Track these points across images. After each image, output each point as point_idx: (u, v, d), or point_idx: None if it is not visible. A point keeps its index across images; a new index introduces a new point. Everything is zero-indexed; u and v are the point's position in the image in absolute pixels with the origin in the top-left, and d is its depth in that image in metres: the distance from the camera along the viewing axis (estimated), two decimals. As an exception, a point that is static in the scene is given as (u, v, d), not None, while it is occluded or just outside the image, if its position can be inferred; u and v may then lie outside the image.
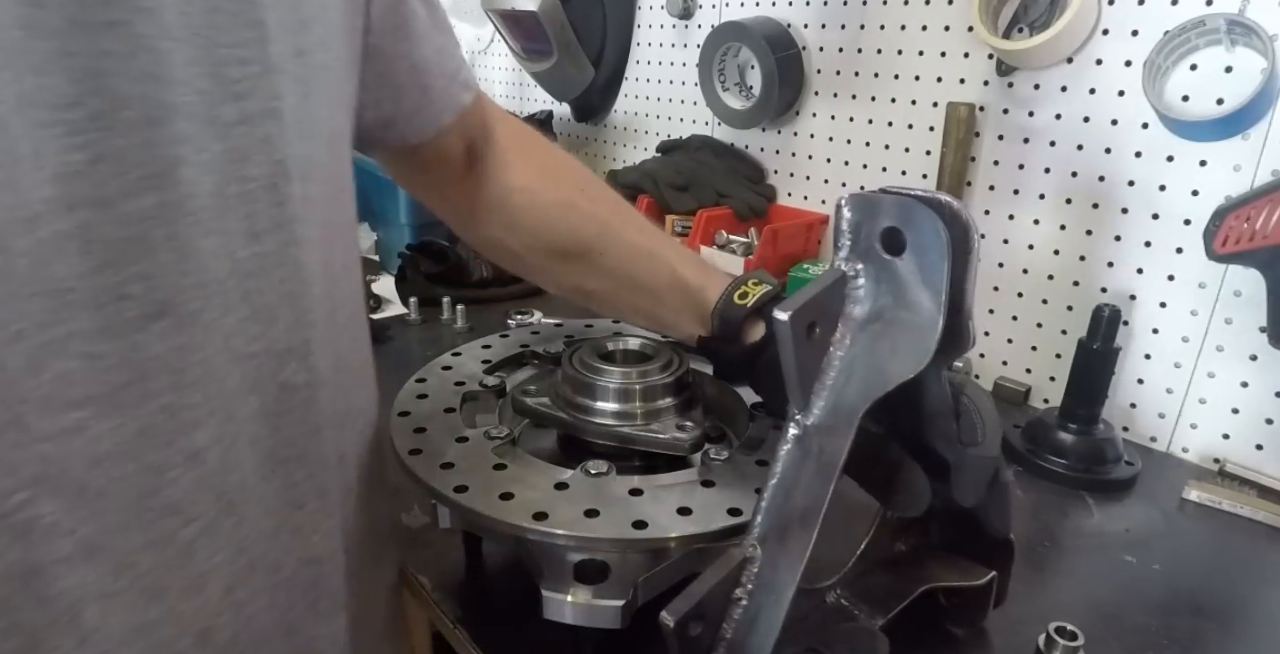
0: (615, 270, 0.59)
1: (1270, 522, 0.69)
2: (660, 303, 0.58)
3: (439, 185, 0.60)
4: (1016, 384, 0.93)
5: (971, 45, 0.93)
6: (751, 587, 0.39)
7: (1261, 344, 0.74)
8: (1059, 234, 0.89)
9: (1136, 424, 0.85)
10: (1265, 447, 0.77)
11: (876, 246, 0.39)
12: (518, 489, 0.47)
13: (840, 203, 0.40)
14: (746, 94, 1.20)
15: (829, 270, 0.40)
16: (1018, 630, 0.53)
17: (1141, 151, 0.81)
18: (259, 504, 0.39)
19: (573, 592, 0.44)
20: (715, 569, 0.39)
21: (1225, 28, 0.72)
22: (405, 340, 1.05)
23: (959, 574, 0.51)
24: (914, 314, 0.38)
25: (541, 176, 0.61)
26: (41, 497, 0.31)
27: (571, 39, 1.36)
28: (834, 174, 1.13)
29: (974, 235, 0.37)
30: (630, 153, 1.46)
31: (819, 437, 0.40)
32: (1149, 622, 0.57)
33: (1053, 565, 0.63)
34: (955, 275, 0.37)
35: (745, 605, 0.39)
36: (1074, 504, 0.72)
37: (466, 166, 0.59)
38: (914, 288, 0.38)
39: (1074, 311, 0.89)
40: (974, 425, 0.45)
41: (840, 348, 0.40)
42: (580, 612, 0.44)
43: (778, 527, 0.40)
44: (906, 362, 0.38)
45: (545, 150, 0.64)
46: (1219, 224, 0.71)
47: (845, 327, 0.40)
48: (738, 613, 0.39)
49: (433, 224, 1.22)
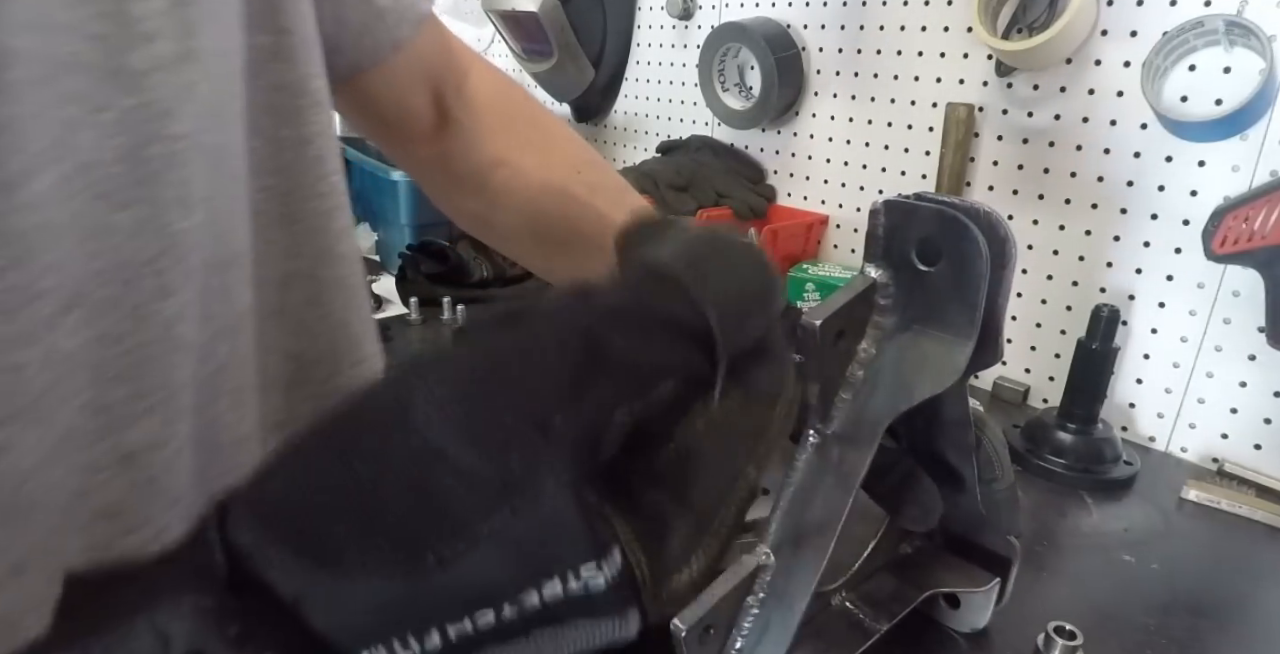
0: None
1: (1269, 521, 0.69)
2: None
3: (409, 143, 0.54)
4: (1015, 384, 0.93)
5: (971, 46, 0.93)
6: (764, 595, 0.39)
7: (1260, 344, 0.74)
8: (1058, 234, 0.89)
9: (1135, 424, 0.86)
10: (1264, 446, 0.77)
11: (910, 256, 0.37)
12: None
13: (875, 207, 0.38)
14: (746, 94, 1.20)
15: (858, 277, 0.39)
16: (1017, 630, 0.53)
17: (1140, 152, 0.81)
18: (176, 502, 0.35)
19: None
20: (728, 577, 0.38)
21: (1224, 28, 0.72)
22: (406, 340, 1.06)
23: (963, 579, 0.51)
24: (946, 328, 0.37)
25: (529, 151, 0.53)
26: None
27: (572, 40, 1.36)
28: (834, 174, 1.13)
29: (1012, 248, 0.35)
30: (630, 153, 1.46)
31: (839, 447, 0.38)
32: (1147, 621, 0.57)
33: (1051, 565, 0.63)
34: (991, 290, 0.35)
35: (757, 614, 0.39)
36: (1073, 504, 0.72)
37: (436, 123, 0.52)
38: (947, 301, 0.36)
39: (1073, 312, 0.89)
40: (991, 461, 0.46)
41: (866, 358, 0.38)
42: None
43: (793, 536, 0.39)
44: (935, 376, 0.37)
45: (532, 116, 0.56)
46: (1217, 224, 0.71)
47: (873, 336, 0.38)
48: (749, 622, 0.39)
49: (433, 224, 1.23)
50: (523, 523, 0.17)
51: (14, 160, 0.25)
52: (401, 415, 0.17)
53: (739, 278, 0.21)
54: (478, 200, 0.54)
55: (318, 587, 0.17)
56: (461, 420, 0.17)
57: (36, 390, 0.28)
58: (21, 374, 0.27)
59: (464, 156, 0.53)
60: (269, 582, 0.17)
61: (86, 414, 0.30)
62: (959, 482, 0.46)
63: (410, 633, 0.17)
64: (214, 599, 0.16)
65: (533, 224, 0.54)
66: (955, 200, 0.36)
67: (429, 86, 0.51)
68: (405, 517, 0.17)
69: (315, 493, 0.17)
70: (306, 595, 0.17)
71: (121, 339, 0.30)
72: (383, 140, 0.55)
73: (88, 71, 0.27)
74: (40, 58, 0.26)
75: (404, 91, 0.50)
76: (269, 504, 0.18)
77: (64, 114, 0.27)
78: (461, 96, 0.52)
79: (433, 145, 0.53)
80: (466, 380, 0.18)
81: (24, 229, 0.26)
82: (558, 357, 0.18)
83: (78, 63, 0.27)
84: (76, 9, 0.26)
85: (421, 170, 0.56)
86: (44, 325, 0.27)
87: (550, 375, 0.18)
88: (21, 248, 0.26)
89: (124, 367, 0.30)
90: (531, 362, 0.18)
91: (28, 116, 0.25)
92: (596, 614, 0.18)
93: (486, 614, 0.17)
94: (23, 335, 0.27)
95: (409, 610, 0.17)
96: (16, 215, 0.26)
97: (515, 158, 0.52)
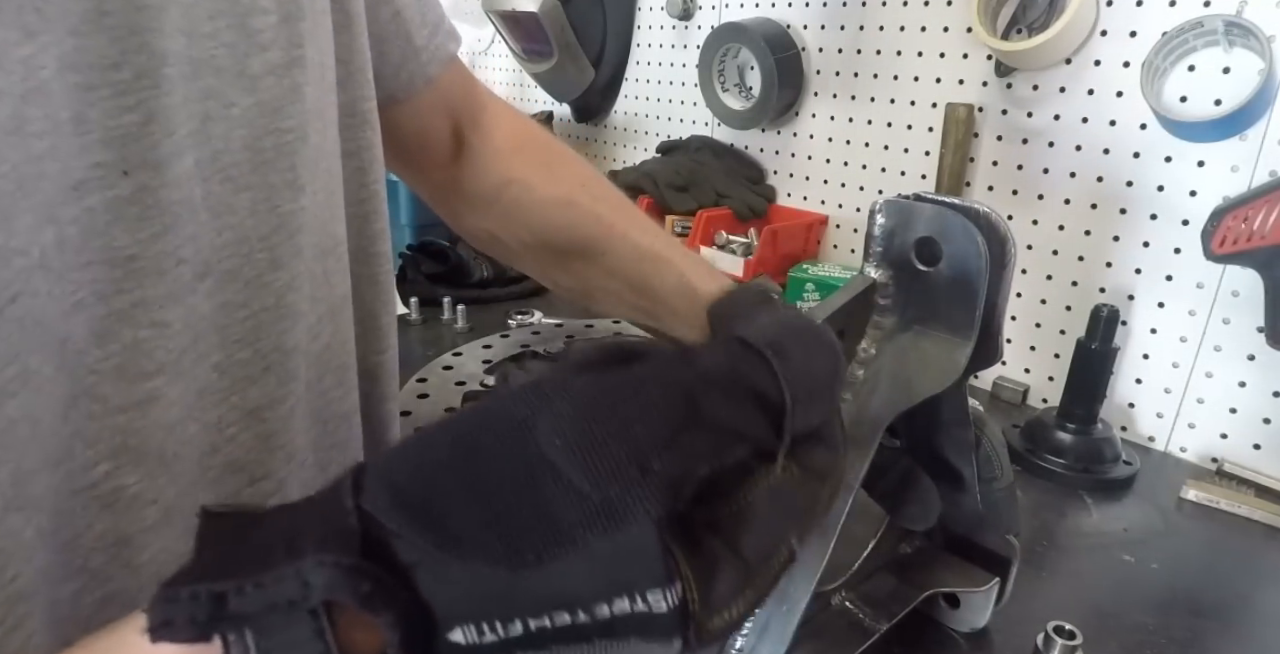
0: (618, 272, 0.56)
1: (1268, 521, 0.69)
2: (665, 308, 0.56)
3: (425, 169, 0.58)
4: (1015, 384, 0.93)
5: (970, 46, 0.93)
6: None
7: (1259, 344, 0.74)
8: (1057, 234, 0.89)
9: (1135, 424, 0.86)
10: (1263, 446, 0.77)
11: (910, 256, 0.37)
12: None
13: (874, 207, 0.38)
14: (746, 95, 1.21)
15: (858, 277, 0.39)
16: (1016, 629, 0.53)
17: (1140, 152, 0.81)
18: (299, 465, 0.40)
19: None
20: None
21: (1223, 29, 0.72)
22: (406, 340, 1.05)
23: (963, 579, 0.51)
24: (946, 328, 0.37)
25: (538, 169, 0.58)
26: (124, 467, 0.31)
27: (572, 40, 1.36)
28: (833, 175, 1.13)
29: (1011, 248, 0.36)
30: (630, 153, 1.46)
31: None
32: (1147, 621, 0.57)
33: (1051, 565, 0.63)
34: (990, 290, 0.35)
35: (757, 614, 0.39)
36: (1072, 504, 0.72)
37: (453, 151, 0.57)
38: (947, 301, 0.36)
39: (1072, 312, 0.89)
40: (991, 461, 0.46)
41: (866, 357, 0.39)
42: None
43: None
44: (935, 377, 0.37)
45: (542, 141, 0.61)
46: (1217, 224, 0.71)
47: (872, 336, 0.39)
48: (749, 621, 0.39)
49: (433, 225, 1.23)
50: (611, 543, 0.20)
51: (166, 143, 0.30)
52: (526, 428, 0.20)
53: (814, 365, 0.23)
54: (488, 217, 0.58)
55: (433, 561, 0.19)
56: (577, 444, 0.19)
57: (179, 348, 0.32)
58: (167, 330, 0.32)
59: (476, 178, 0.57)
60: (393, 549, 0.20)
61: (216, 373, 0.34)
62: (958, 481, 0.46)
63: (498, 619, 0.20)
64: (352, 559, 0.19)
65: (540, 235, 0.57)
66: (954, 200, 0.36)
67: (449, 118, 0.56)
68: (516, 514, 0.19)
69: (442, 479, 0.20)
70: (422, 566, 0.19)
71: (244, 305, 0.35)
72: (400, 165, 0.59)
73: (219, 73, 0.32)
74: (186, 58, 0.31)
75: (427, 122, 0.55)
76: (400, 483, 0.20)
77: (203, 108, 0.32)
78: (478, 127, 0.57)
79: (447, 170, 0.57)
80: (586, 412, 0.20)
81: (170, 202, 0.31)
82: (662, 408, 0.20)
83: (213, 65, 0.32)
84: (216, 20, 0.31)
85: (435, 193, 0.60)
86: (186, 289, 0.32)
87: (655, 423, 0.20)
88: (170, 218, 0.31)
89: (246, 331, 0.35)
90: (640, 407, 0.20)
91: (176, 107, 0.30)
92: (649, 636, 0.20)
93: (563, 615, 0.20)
94: (170, 295, 0.31)
95: (501, 599, 0.20)
96: (165, 190, 0.30)
97: (524, 175, 0.57)
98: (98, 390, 0.30)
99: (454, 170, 0.57)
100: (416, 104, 0.53)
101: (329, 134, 0.41)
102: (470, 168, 0.57)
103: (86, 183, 0.28)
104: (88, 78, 0.27)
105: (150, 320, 0.31)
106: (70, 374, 0.29)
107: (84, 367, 0.29)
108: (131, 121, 0.29)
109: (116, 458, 0.31)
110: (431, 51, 0.51)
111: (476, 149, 0.57)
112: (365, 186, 0.46)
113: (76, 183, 0.28)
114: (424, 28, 0.50)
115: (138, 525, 0.32)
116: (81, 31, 0.27)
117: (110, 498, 0.31)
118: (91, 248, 0.29)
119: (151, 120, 0.29)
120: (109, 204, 0.29)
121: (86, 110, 0.27)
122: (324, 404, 0.42)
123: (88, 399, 0.30)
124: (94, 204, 0.28)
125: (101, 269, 0.29)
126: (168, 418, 0.32)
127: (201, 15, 0.31)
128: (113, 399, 0.30)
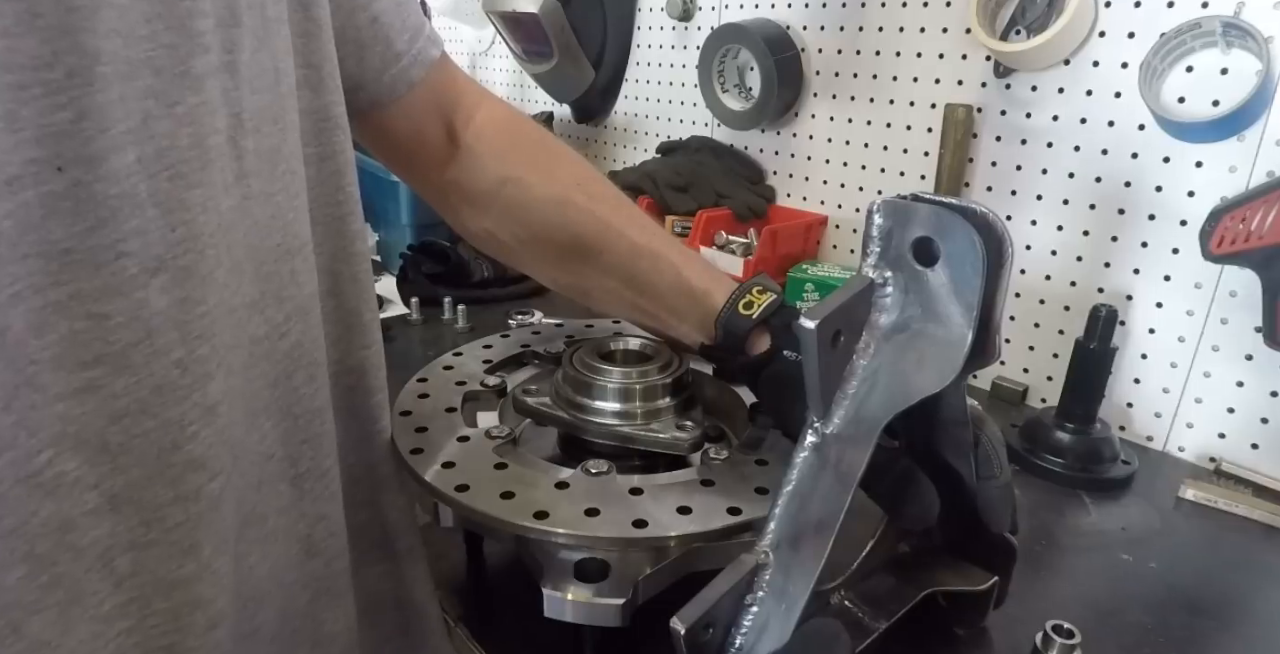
0: (615, 270, 0.57)
1: (1266, 520, 0.70)
2: (662, 305, 0.56)
3: (423, 170, 0.59)
4: (1014, 384, 0.93)
5: (969, 47, 0.93)
6: (763, 594, 0.39)
7: (1257, 344, 0.75)
8: (1056, 235, 0.89)
9: (1133, 423, 0.86)
10: (1261, 446, 0.77)
11: (908, 256, 0.37)
12: (518, 488, 0.48)
13: (872, 207, 0.38)
14: (746, 95, 1.21)
15: (856, 277, 0.39)
16: (1015, 629, 0.54)
17: (1138, 153, 0.81)
18: (265, 459, 0.40)
19: (573, 590, 0.44)
20: (726, 575, 0.38)
21: (1221, 30, 0.72)
22: (407, 340, 1.06)
23: (962, 578, 0.51)
24: (943, 327, 0.37)
25: (535, 168, 0.58)
26: (65, 453, 0.32)
27: (572, 41, 1.36)
28: (833, 175, 1.13)
29: (1008, 248, 0.36)
30: (630, 154, 1.46)
31: (838, 446, 0.39)
32: (1145, 620, 0.57)
33: (1050, 564, 0.64)
34: (988, 289, 0.35)
35: (756, 612, 0.39)
36: (1071, 503, 0.72)
37: (449, 152, 0.57)
38: (944, 300, 0.37)
39: (1071, 312, 0.89)
40: (989, 458, 0.46)
41: (864, 357, 0.39)
42: (580, 610, 0.44)
43: (791, 534, 0.39)
44: (932, 376, 0.37)
45: (538, 139, 0.61)
46: (1215, 225, 0.71)
47: (870, 336, 0.39)
48: (748, 620, 0.39)
49: (434, 225, 1.23)
50: None
51: (100, 139, 0.30)
52: None
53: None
54: (487, 216, 0.59)
55: None
56: None
57: (123, 340, 0.32)
58: (106, 323, 0.32)
59: (474, 179, 0.58)
60: None
61: (178, 370, 0.34)
62: (957, 480, 0.46)
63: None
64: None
65: (537, 234, 0.58)
66: (952, 200, 0.36)
67: (441, 119, 0.56)
68: None
69: None
70: None
71: (202, 302, 0.35)
72: (401, 167, 0.61)
73: (159, 73, 0.32)
74: (123, 59, 0.31)
75: (418, 123, 0.56)
76: None
77: (143, 106, 0.32)
78: (471, 126, 0.57)
79: (445, 170, 0.58)
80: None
81: (107, 196, 0.31)
82: None
83: (152, 66, 0.32)
84: (153, 23, 0.32)
85: (436, 194, 0.61)
86: (131, 283, 0.32)
87: None
88: (108, 212, 0.31)
89: (204, 327, 0.35)
90: None
91: (112, 104, 0.30)
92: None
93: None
94: (109, 288, 0.31)
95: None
96: (101, 185, 0.31)
97: (521, 174, 0.57)
98: (38, 380, 0.30)
99: (452, 171, 0.58)
100: (405, 107, 0.54)
101: (288, 137, 0.41)
102: (467, 168, 0.58)
103: (21, 178, 0.28)
104: (20, 77, 0.28)
105: (86, 312, 0.31)
106: (10, 364, 0.30)
107: (24, 357, 0.30)
108: (64, 118, 0.29)
109: (58, 444, 0.31)
110: (414, 56, 0.52)
111: (472, 149, 0.57)
112: (341, 189, 0.47)
113: (10, 178, 0.28)
114: (404, 33, 0.51)
115: (79, 509, 0.32)
116: (13, 33, 0.27)
117: (52, 484, 0.32)
118: (27, 241, 0.29)
119: (84, 117, 0.29)
120: (43, 198, 0.29)
121: (19, 109, 0.28)
122: (295, 400, 0.43)
123: (29, 389, 0.30)
124: (29, 199, 0.29)
125: (37, 262, 0.30)
126: (112, 408, 0.32)
127: (137, 18, 0.31)
128: (51, 388, 0.31)
